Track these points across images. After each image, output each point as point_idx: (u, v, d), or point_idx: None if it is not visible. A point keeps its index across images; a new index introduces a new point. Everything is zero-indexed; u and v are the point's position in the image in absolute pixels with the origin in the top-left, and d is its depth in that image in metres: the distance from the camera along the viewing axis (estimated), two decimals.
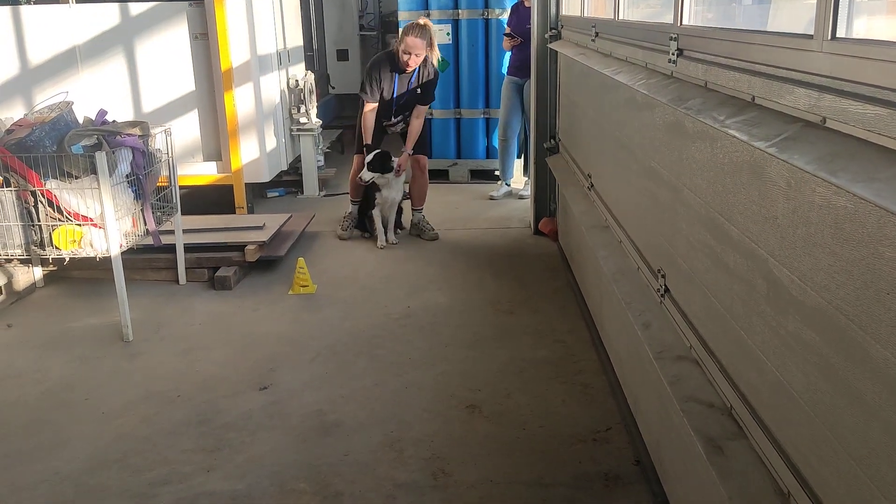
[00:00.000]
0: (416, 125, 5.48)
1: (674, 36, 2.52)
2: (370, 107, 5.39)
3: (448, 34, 7.07)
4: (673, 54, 2.52)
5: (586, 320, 4.11)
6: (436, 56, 5.40)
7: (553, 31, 5.27)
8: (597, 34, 3.88)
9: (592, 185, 3.98)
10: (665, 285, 2.62)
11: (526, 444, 3.03)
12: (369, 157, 5.30)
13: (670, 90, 2.45)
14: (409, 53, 5.21)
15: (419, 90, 5.42)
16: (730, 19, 2.91)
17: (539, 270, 4.98)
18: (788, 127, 1.63)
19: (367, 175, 5.29)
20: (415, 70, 5.34)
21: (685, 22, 2.53)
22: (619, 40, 3.43)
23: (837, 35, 1.54)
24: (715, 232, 2.11)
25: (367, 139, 5.40)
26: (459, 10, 7.05)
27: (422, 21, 5.37)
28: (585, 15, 4.53)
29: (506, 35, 6.50)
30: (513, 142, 6.60)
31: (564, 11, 5.21)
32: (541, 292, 4.59)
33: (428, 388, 3.47)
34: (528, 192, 6.29)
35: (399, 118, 5.57)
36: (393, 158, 5.40)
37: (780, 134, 1.62)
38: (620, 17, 3.56)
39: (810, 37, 1.61)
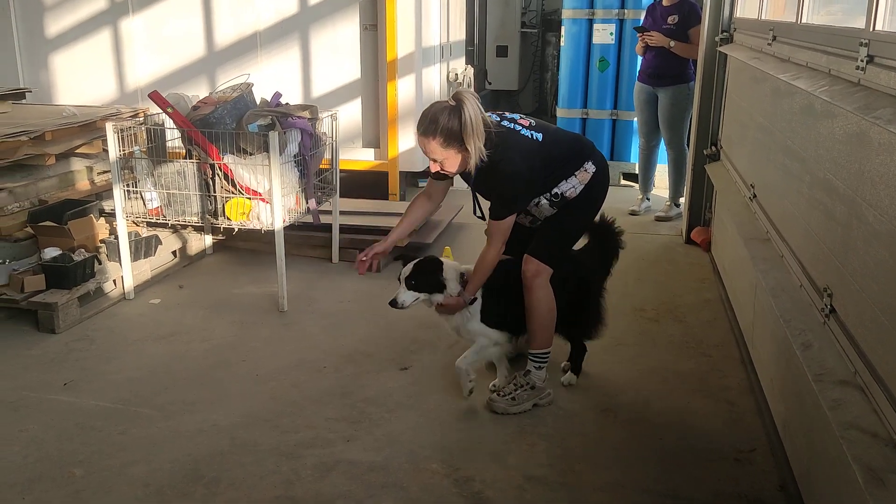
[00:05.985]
0: (483, 255, 3.20)
1: (864, 41, 2.36)
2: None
3: (611, 34, 6.98)
4: (862, 60, 2.35)
5: (736, 336, 3.93)
6: (475, 151, 3.00)
7: (724, 33, 5.06)
8: (774, 38, 3.69)
9: (755, 196, 3.80)
10: (831, 305, 2.46)
11: (662, 455, 2.95)
12: (406, 269, 3.21)
13: (856, 98, 2.30)
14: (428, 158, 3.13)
15: (489, 194, 3.21)
16: None
17: (688, 280, 4.82)
18: None
19: (402, 296, 3.16)
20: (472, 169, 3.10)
21: (878, 27, 2.37)
22: (799, 44, 3.24)
23: None
24: None
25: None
26: (625, 10, 6.94)
27: (444, 103, 3.03)
28: (763, 17, 4.32)
29: (637, 31, 6.00)
30: (654, 153, 6.25)
31: (739, 14, 4.98)
32: (689, 303, 4.44)
33: (564, 387, 3.46)
34: (673, 213, 6.11)
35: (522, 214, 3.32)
36: (465, 274, 3.23)
37: None
38: (803, 21, 3.37)
39: None
